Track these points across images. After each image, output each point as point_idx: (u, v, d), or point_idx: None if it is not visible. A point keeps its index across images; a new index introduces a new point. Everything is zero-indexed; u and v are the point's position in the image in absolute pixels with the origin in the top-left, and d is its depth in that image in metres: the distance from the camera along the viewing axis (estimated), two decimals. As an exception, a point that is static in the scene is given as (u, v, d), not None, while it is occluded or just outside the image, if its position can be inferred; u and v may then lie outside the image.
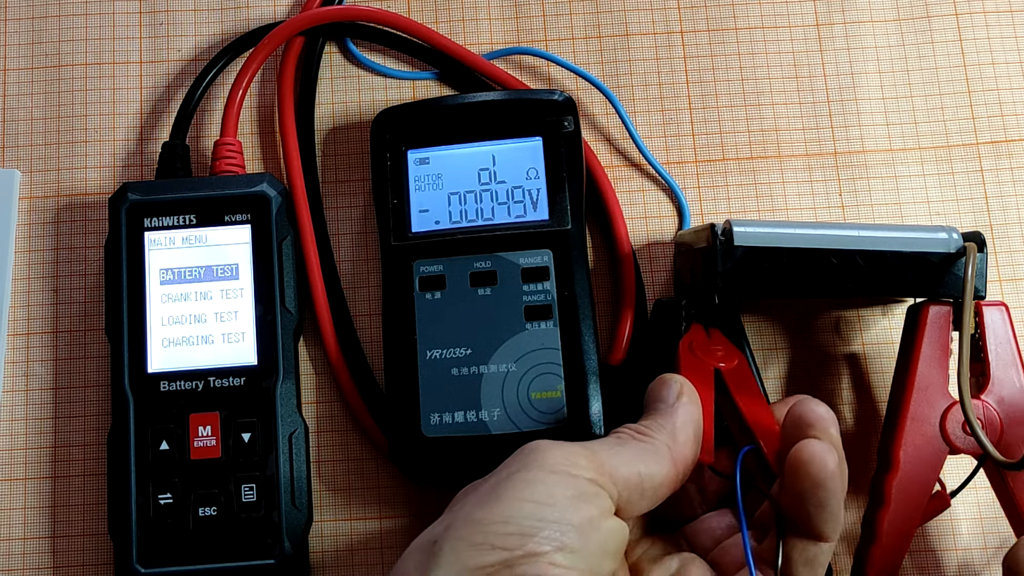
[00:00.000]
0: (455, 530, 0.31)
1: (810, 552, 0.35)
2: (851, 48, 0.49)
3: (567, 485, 0.32)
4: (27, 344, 0.46)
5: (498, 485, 0.32)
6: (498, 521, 0.31)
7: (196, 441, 0.42)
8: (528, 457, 0.33)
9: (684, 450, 0.35)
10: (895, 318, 0.46)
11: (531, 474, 0.32)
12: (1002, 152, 0.48)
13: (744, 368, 0.40)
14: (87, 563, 0.44)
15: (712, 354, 0.40)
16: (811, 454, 0.34)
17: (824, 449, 0.34)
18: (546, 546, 0.30)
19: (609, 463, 0.33)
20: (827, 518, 0.34)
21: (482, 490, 0.33)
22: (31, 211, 0.47)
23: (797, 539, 0.35)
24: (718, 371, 0.40)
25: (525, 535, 0.30)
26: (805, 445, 0.34)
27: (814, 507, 0.34)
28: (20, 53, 0.49)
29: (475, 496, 0.32)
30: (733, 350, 0.41)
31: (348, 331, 0.45)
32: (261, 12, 0.50)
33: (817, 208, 0.47)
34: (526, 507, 0.31)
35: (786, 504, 0.35)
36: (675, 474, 0.35)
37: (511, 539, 0.30)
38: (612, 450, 0.34)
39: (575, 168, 0.44)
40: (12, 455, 0.45)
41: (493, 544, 0.30)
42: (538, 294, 0.43)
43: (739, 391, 0.39)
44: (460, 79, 0.49)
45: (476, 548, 0.30)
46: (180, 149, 0.46)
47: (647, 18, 0.50)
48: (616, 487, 0.33)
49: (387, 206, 0.44)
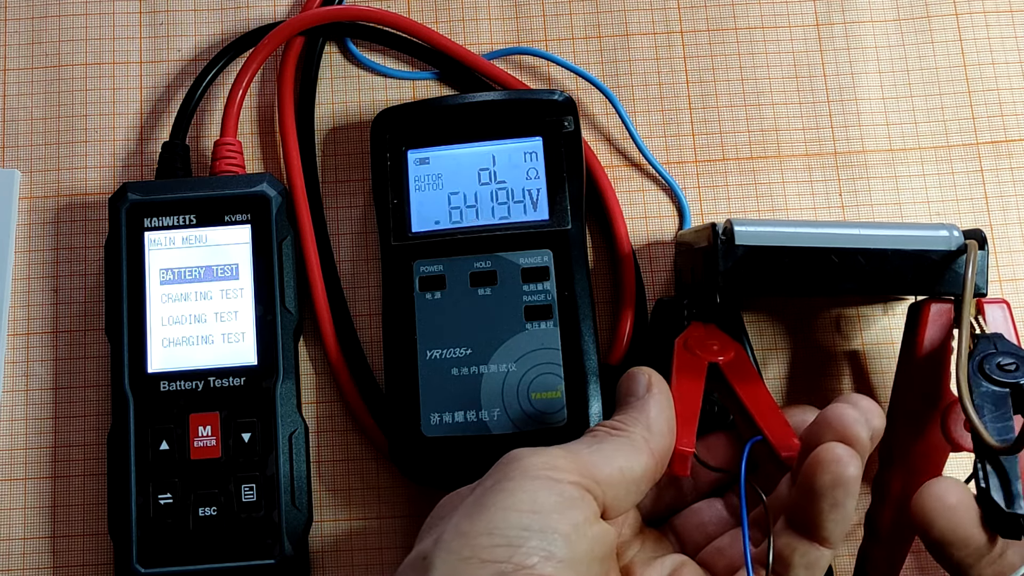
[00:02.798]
0: (444, 544, 0.31)
1: (811, 556, 0.35)
2: (851, 48, 0.49)
3: (550, 491, 0.32)
4: (27, 344, 0.46)
5: (483, 495, 0.32)
6: (483, 533, 0.30)
7: (196, 441, 0.42)
8: (509, 466, 0.33)
9: (660, 440, 0.35)
10: (896, 316, 0.46)
11: (513, 483, 0.32)
12: (1002, 152, 0.48)
13: (743, 359, 0.40)
14: (87, 563, 0.44)
15: (708, 349, 0.40)
16: (837, 455, 0.34)
17: (850, 453, 0.34)
18: (534, 557, 0.30)
19: (589, 462, 0.33)
20: (838, 519, 0.34)
21: (468, 501, 0.32)
22: (31, 211, 0.47)
23: (799, 541, 0.35)
24: (717, 365, 0.40)
25: (512, 546, 0.30)
26: (832, 446, 0.34)
27: (828, 505, 0.34)
28: (20, 53, 0.49)
29: (462, 508, 0.32)
30: (730, 343, 0.41)
31: (348, 331, 0.45)
32: (261, 12, 0.50)
33: (817, 208, 0.47)
34: (511, 516, 0.31)
35: (797, 501, 0.35)
36: (654, 465, 0.35)
37: (498, 551, 0.30)
38: (590, 448, 0.34)
39: (575, 168, 0.44)
40: (12, 455, 0.45)
41: (481, 558, 0.30)
42: (538, 294, 0.43)
43: (739, 382, 0.39)
44: (460, 79, 0.49)
45: (466, 563, 0.30)
46: (180, 149, 0.46)
47: (647, 18, 0.50)
48: (600, 487, 0.33)
49: (387, 206, 0.44)
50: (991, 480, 0.34)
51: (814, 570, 0.35)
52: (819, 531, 0.34)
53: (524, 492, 0.31)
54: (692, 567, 0.36)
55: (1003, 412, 0.36)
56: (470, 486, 0.34)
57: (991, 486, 0.34)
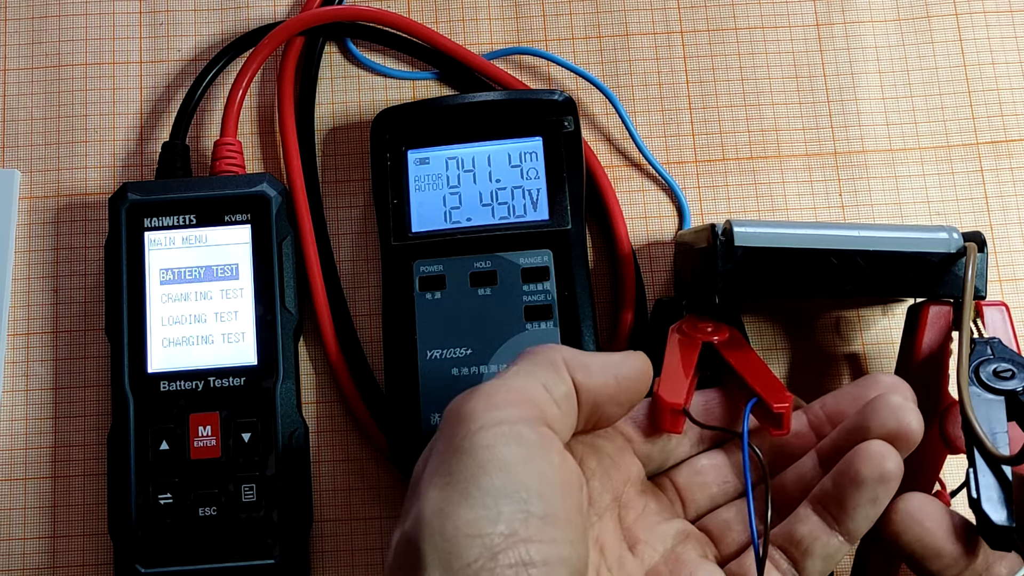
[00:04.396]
0: (427, 525, 0.30)
1: (831, 547, 0.35)
2: (851, 48, 0.49)
3: (508, 441, 0.31)
4: (27, 344, 0.46)
5: (448, 460, 0.31)
6: (461, 505, 0.30)
7: (196, 441, 0.42)
8: (460, 425, 0.31)
9: (600, 359, 0.35)
10: (895, 318, 0.46)
11: (470, 441, 0.31)
12: (1002, 152, 0.48)
13: (737, 339, 0.40)
14: (87, 563, 0.44)
15: (702, 331, 0.40)
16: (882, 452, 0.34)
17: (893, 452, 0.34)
18: (515, 522, 0.29)
19: (521, 387, 0.33)
20: (869, 516, 0.34)
21: (434, 469, 0.31)
22: (31, 211, 0.47)
23: (823, 531, 0.35)
24: (711, 344, 0.40)
25: (491, 514, 0.29)
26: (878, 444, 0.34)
27: (867, 500, 0.34)
28: (20, 53, 0.49)
29: (433, 480, 0.31)
30: (724, 326, 0.41)
31: (348, 331, 0.45)
32: (261, 12, 0.50)
33: (817, 208, 0.47)
34: (482, 482, 0.30)
35: (831, 490, 0.35)
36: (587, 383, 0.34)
37: (481, 523, 0.29)
38: (516, 375, 0.33)
39: (575, 168, 0.44)
40: (12, 455, 0.45)
41: (466, 533, 0.29)
42: (538, 294, 0.43)
43: (734, 356, 0.39)
44: (460, 79, 0.49)
45: (452, 542, 0.29)
46: (180, 149, 0.46)
47: (647, 18, 0.50)
48: (538, 407, 0.32)
49: (387, 206, 0.44)
50: (983, 491, 0.34)
51: (830, 562, 0.35)
52: (848, 523, 0.34)
53: (484, 450, 0.30)
54: (694, 539, 0.36)
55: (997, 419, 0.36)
56: (428, 448, 0.33)
57: (983, 497, 0.34)
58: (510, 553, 0.29)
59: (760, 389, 0.37)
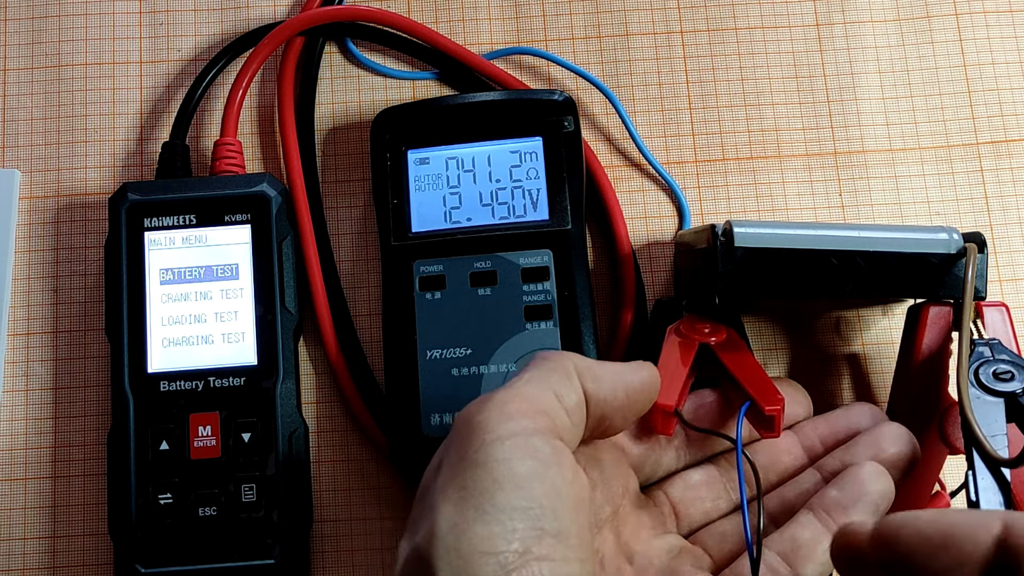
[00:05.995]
0: (440, 540, 0.29)
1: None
2: (851, 48, 0.49)
3: (523, 455, 0.30)
4: (27, 344, 0.46)
5: (461, 473, 0.30)
6: (474, 521, 0.29)
7: (196, 441, 0.42)
8: (472, 436, 0.31)
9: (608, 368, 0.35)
10: (895, 318, 0.46)
11: (482, 453, 0.30)
12: (1002, 152, 0.48)
13: (735, 340, 0.40)
14: (87, 563, 0.44)
15: (699, 332, 0.40)
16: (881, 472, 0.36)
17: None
18: (528, 540, 0.29)
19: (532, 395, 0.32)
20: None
21: (447, 482, 0.31)
22: (31, 211, 0.47)
23: (825, 537, 0.35)
24: (708, 346, 0.40)
25: (506, 531, 0.29)
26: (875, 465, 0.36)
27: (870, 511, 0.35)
28: (20, 53, 0.49)
29: (445, 492, 0.30)
30: (721, 328, 0.41)
31: (348, 331, 0.45)
32: (261, 12, 0.50)
33: (817, 208, 0.47)
34: (497, 498, 0.29)
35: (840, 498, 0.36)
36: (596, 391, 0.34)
37: (495, 540, 0.29)
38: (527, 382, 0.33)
39: (575, 168, 0.44)
40: (12, 455, 0.45)
41: (480, 550, 0.29)
42: (538, 294, 0.43)
43: (730, 358, 0.39)
44: (460, 79, 0.49)
45: (466, 559, 0.29)
46: (180, 149, 0.46)
47: (647, 18, 0.50)
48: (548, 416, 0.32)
49: (387, 206, 0.44)
50: (982, 493, 0.34)
51: (828, 568, 0.35)
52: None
53: (497, 463, 0.30)
54: (689, 553, 0.36)
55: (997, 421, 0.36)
56: (438, 456, 0.32)
57: (981, 500, 0.34)
58: (523, 572, 0.28)
59: (753, 391, 0.37)
